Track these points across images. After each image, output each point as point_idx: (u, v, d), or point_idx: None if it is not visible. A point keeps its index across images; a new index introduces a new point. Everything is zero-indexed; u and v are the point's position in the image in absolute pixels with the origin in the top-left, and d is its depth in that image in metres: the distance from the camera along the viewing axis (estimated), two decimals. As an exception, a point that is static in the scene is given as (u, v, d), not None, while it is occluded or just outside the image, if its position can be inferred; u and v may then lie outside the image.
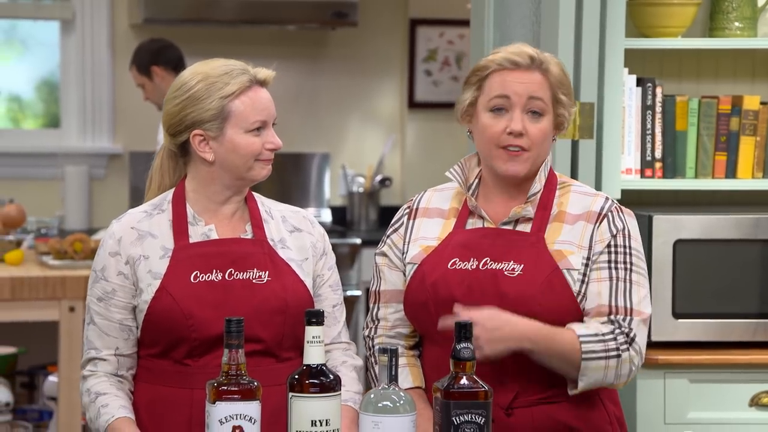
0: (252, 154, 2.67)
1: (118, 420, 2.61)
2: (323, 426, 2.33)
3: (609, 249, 2.69)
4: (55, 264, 4.85)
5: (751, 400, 3.50)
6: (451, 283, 2.68)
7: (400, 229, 2.81)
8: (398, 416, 2.33)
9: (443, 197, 2.81)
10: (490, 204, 2.76)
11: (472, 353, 2.38)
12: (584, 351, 2.61)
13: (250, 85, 2.67)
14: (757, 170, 3.68)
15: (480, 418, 2.36)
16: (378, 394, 2.36)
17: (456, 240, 2.73)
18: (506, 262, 2.68)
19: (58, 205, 6.27)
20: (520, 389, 2.66)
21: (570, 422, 2.69)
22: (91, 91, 6.36)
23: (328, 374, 2.36)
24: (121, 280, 2.67)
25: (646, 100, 3.62)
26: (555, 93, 2.71)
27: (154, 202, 2.75)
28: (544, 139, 2.70)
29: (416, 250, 2.76)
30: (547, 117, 2.70)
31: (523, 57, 2.70)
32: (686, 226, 3.52)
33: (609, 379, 2.64)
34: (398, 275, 2.79)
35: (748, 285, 3.54)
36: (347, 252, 6.05)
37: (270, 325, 2.64)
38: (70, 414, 4.67)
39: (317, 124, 6.59)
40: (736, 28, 3.70)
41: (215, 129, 2.66)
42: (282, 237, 2.74)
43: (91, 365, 2.69)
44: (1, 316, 4.75)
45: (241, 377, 2.35)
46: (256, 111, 2.67)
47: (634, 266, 2.70)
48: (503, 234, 2.71)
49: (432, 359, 2.74)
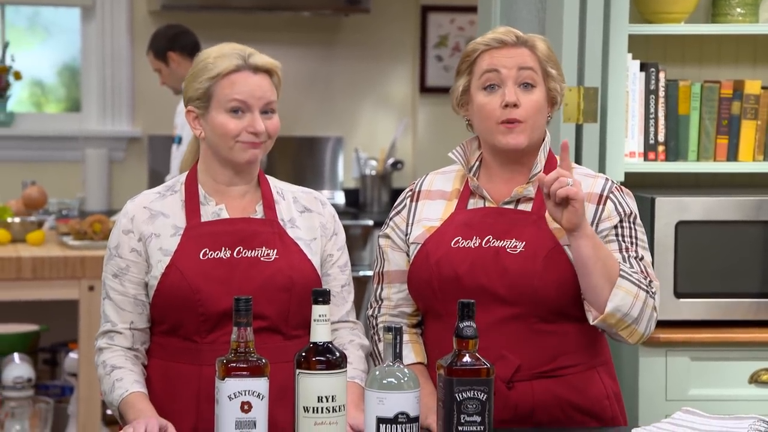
0: (228, 134, 2.66)
1: (132, 394, 2.61)
2: (329, 402, 2.33)
3: (616, 229, 2.68)
4: (75, 244, 4.86)
5: (751, 378, 3.49)
6: (454, 260, 2.68)
7: (403, 211, 2.80)
8: (402, 392, 2.33)
9: (445, 179, 2.80)
10: (491, 184, 2.75)
11: (474, 331, 2.37)
12: (622, 269, 2.58)
13: (237, 69, 2.66)
14: (758, 153, 3.67)
15: (482, 395, 2.36)
16: (383, 371, 2.35)
17: (458, 219, 2.72)
18: (508, 239, 2.67)
19: (79, 187, 6.28)
20: (522, 363, 2.65)
21: (568, 396, 2.68)
22: (110, 76, 6.37)
23: (335, 352, 2.35)
24: (135, 257, 2.68)
25: (649, 84, 3.60)
26: (544, 66, 2.70)
27: (167, 184, 2.77)
28: (538, 111, 2.69)
29: (419, 231, 2.75)
30: (539, 89, 2.69)
31: (508, 35, 2.71)
32: (688, 207, 3.50)
33: (635, 311, 2.58)
34: (401, 256, 2.78)
35: (748, 265, 3.53)
36: (360, 233, 6.05)
37: (275, 302, 2.64)
38: (90, 389, 4.68)
39: (331, 108, 6.58)
40: (738, 14, 3.68)
41: (202, 107, 2.68)
42: (292, 217, 2.74)
43: (107, 338, 2.69)
44: (23, 294, 4.77)
45: (249, 354, 2.34)
46: (236, 92, 2.65)
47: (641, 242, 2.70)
48: (505, 213, 2.70)
49: (434, 335, 2.73)
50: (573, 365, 2.69)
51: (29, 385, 5.09)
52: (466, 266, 2.66)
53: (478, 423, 2.35)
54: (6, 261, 4.66)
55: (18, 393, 5.05)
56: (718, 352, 3.46)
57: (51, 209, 5.73)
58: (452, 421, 2.35)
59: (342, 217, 2.84)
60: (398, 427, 2.32)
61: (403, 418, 2.32)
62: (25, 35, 6.54)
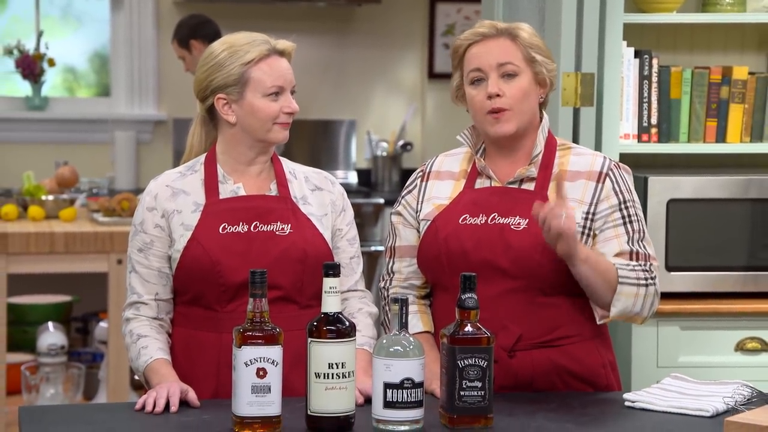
0: (269, 117, 2.66)
1: (156, 361, 2.62)
2: (339, 368, 2.33)
3: (620, 207, 2.68)
4: (105, 221, 4.86)
5: (737, 346, 3.49)
6: (462, 236, 2.67)
7: (414, 190, 2.80)
8: (408, 360, 2.33)
9: (454, 161, 2.80)
10: (496, 165, 2.74)
11: (476, 302, 2.37)
12: (620, 275, 2.61)
13: (268, 53, 2.66)
14: (745, 135, 3.66)
15: (483, 362, 2.36)
16: (390, 340, 2.35)
17: (466, 198, 2.72)
18: (512, 217, 2.67)
19: (108, 167, 6.28)
20: (523, 333, 2.65)
21: (567, 365, 2.68)
22: (138, 62, 6.36)
23: (344, 321, 2.35)
24: (158, 232, 2.68)
25: (643, 70, 3.59)
26: (527, 53, 2.68)
27: (188, 164, 2.77)
28: (523, 96, 2.68)
29: (429, 208, 2.75)
30: (523, 76, 2.68)
31: (488, 27, 2.70)
32: (679, 186, 3.49)
33: (637, 308, 2.64)
34: (412, 232, 2.78)
35: (736, 241, 3.52)
36: (371, 211, 6.03)
37: (289, 273, 2.64)
38: (118, 356, 4.69)
39: (344, 93, 6.57)
40: (727, 4, 3.66)
41: (236, 93, 2.66)
42: (304, 194, 2.74)
43: (133, 309, 2.70)
44: (56, 267, 4.78)
45: (264, 324, 2.34)
46: (273, 77, 2.66)
47: (641, 219, 2.71)
48: (510, 192, 2.70)
49: (442, 306, 2.73)
50: (571, 336, 2.69)
51: (62, 352, 5.10)
52: (472, 242, 2.66)
53: (479, 388, 2.35)
54: (40, 236, 4.67)
55: (52, 359, 5.06)
56: (707, 322, 3.45)
57: (82, 188, 5.73)
58: (455, 386, 2.35)
59: (355, 196, 2.85)
60: (404, 392, 2.32)
61: (408, 383, 2.32)
62: (58, 25, 6.54)
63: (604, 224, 2.68)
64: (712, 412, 2.48)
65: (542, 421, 2.44)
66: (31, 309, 5.60)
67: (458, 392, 2.35)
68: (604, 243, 2.68)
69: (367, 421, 2.37)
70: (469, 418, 2.36)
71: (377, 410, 2.34)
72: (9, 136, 6.25)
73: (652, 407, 2.52)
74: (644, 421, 2.47)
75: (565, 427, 2.41)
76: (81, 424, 2.41)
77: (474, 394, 2.35)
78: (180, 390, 2.50)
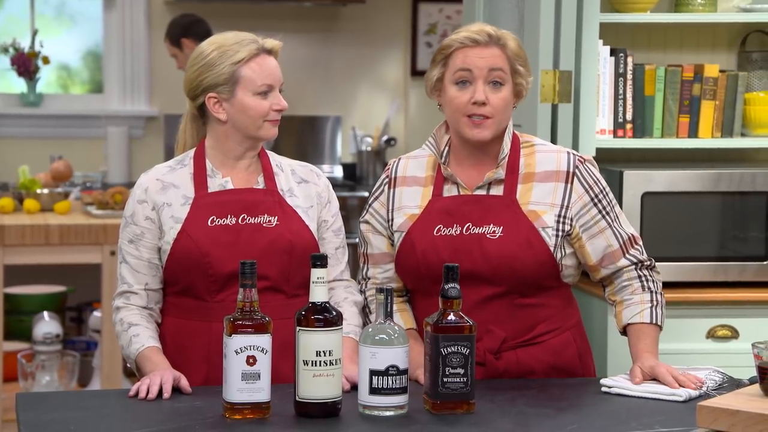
0: (260, 114, 2.65)
1: (148, 349, 2.60)
2: (326, 356, 2.32)
3: (594, 202, 2.67)
4: (98, 213, 4.84)
5: (708, 333, 3.49)
6: (439, 248, 2.65)
7: (381, 197, 2.76)
8: (392, 347, 2.32)
9: (418, 165, 2.75)
10: (462, 169, 2.70)
11: (458, 292, 2.36)
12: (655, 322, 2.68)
13: (257, 52, 2.64)
14: (716, 130, 3.66)
15: (465, 349, 2.35)
16: (375, 328, 2.34)
17: (438, 207, 2.68)
18: (486, 225, 2.64)
19: (101, 162, 6.26)
20: (506, 335, 2.66)
21: (548, 359, 2.69)
22: (130, 60, 6.33)
23: (331, 311, 2.34)
24: (149, 224, 2.67)
25: (618, 68, 3.58)
26: (513, 64, 2.66)
27: (177, 158, 2.75)
28: (505, 107, 2.65)
29: (402, 219, 2.71)
30: (507, 86, 2.65)
31: (482, 35, 2.65)
32: (653, 179, 3.49)
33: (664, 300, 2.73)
34: (382, 239, 2.75)
35: (708, 232, 3.52)
36: (356, 204, 6.02)
37: (276, 264, 2.63)
38: (112, 344, 4.67)
39: (330, 90, 6.55)
40: (698, 4, 3.66)
41: (227, 92, 2.64)
42: (290, 187, 2.73)
43: (123, 298, 2.68)
44: (51, 258, 4.75)
45: (254, 313, 2.33)
46: (263, 75, 2.64)
47: (614, 203, 2.71)
48: (481, 200, 2.67)
49: (422, 308, 2.70)
50: (550, 331, 2.69)
51: (58, 340, 5.08)
52: (448, 252, 2.63)
53: (461, 375, 2.35)
54: (36, 228, 4.65)
55: (47, 347, 5.04)
56: (680, 311, 3.45)
57: (76, 182, 5.70)
58: (438, 372, 2.35)
59: (340, 189, 2.83)
60: (389, 379, 2.31)
61: (393, 370, 2.32)
62: (52, 23, 6.50)
63: (586, 223, 2.67)
64: (686, 397, 2.48)
65: (522, 407, 2.43)
66: (27, 299, 5.57)
67: (441, 379, 2.34)
68: (591, 241, 2.67)
69: (353, 407, 2.37)
70: (452, 404, 2.35)
71: (363, 396, 2.34)
72: (5, 132, 6.22)
73: (628, 392, 2.52)
74: (620, 405, 2.47)
75: (545, 412, 2.41)
76: (76, 409, 2.40)
77: (457, 380, 2.34)
78: (173, 377, 2.49)
